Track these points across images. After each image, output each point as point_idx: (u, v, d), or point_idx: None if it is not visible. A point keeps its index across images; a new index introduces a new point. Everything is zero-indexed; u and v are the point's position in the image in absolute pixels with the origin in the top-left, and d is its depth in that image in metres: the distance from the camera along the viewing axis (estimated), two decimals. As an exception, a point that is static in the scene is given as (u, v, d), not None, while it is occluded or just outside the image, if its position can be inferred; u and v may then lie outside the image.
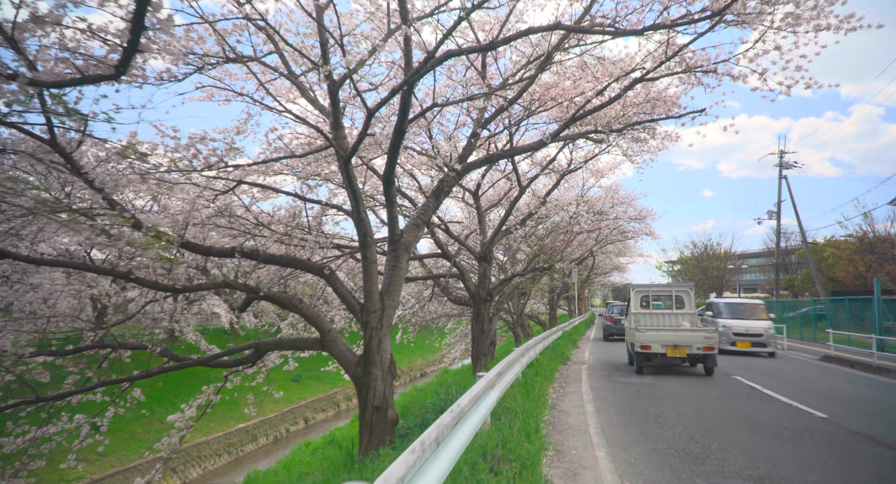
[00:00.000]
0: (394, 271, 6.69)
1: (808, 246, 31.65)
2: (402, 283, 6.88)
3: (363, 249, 6.58)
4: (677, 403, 7.09)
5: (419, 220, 6.99)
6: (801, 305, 27.36)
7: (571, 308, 41.20)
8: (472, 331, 12.72)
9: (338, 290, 6.66)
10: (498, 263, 16.01)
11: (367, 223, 6.54)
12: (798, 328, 22.19)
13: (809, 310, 26.15)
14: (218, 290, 6.91)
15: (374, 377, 6.43)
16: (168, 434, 7.81)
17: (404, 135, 6.12)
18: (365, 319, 6.52)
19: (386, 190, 6.56)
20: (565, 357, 12.33)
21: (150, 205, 8.65)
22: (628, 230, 26.27)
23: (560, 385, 8.49)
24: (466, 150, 7.42)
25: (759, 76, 7.04)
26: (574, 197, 18.33)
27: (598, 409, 6.60)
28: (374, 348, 6.45)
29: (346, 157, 5.87)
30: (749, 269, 62.62)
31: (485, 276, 12.36)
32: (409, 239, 6.88)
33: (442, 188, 7.17)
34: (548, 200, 14.61)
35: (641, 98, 8.06)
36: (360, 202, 6.37)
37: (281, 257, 6.53)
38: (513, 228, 13.68)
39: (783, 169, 33.47)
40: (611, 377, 9.71)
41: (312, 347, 6.69)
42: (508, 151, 7.59)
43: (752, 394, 7.90)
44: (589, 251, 27.19)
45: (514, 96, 7.41)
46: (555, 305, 30.60)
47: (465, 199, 13.99)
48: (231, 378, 7.98)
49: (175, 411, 8.09)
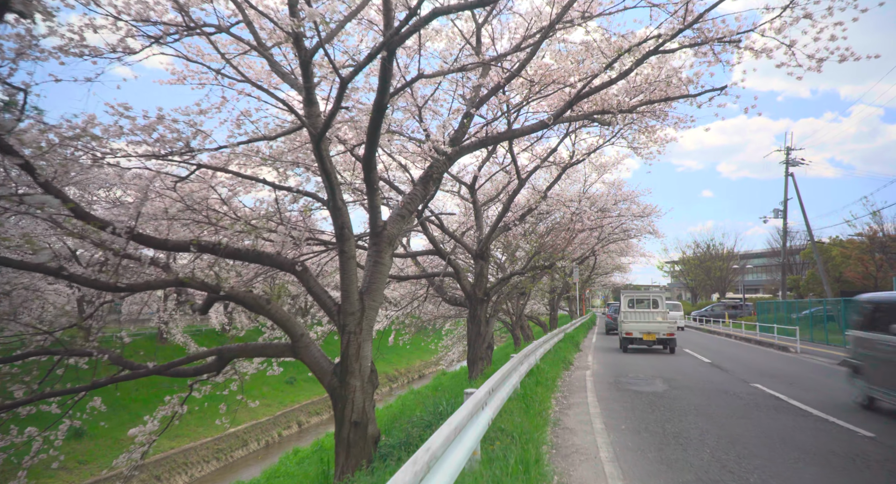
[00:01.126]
0: (376, 268, 5.91)
1: (816, 245, 30.85)
2: (384, 281, 6.10)
3: (340, 242, 5.80)
4: (698, 418, 6.28)
5: (404, 211, 6.20)
6: (805, 306, 26.56)
7: (572, 309, 40.41)
8: (467, 333, 11.94)
9: (311, 289, 5.87)
10: (496, 261, 15.23)
11: (345, 213, 5.75)
12: (809, 330, 21.37)
13: (816, 310, 25.34)
14: (180, 289, 6.12)
15: (353, 388, 5.64)
16: (127, 449, 7.01)
17: (385, 112, 5.33)
18: (342, 322, 5.74)
19: (366, 175, 5.78)
20: (568, 362, 11.54)
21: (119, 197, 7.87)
22: (631, 228, 25.49)
23: (563, 395, 7.69)
24: (459, 133, 6.62)
25: (787, 49, 6.23)
26: (576, 193, 17.56)
27: (607, 425, 5.79)
28: (353, 355, 5.67)
29: (318, 135, 5.08)
30: (752, 269, 61.78)
31: (481, 275, 11.56)
32: (394, 231, 6.09)
33: (431, 175, 6.37)
34: (549, 195, 13.83)
35: (654, 77, 7.27)
36: (335, 189, 5.58)
37: (246, 252, 5.75)
38: (511, 225, 12.89)
39: (789, 166, 32.68)
40: (619, 385, 8.90)
41: (283, 354, 5.90)
42: (506, 134, 6.79)
43: (779, 406, 7.09)
44: (590, 250, 26.41)
45: (512, 72, 6.62)
46: (555, 305, 29.80)
47: (462, 193, 13.20)
48: (199, 387, 7.20)
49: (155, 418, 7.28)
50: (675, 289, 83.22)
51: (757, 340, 20.43)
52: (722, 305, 41.34)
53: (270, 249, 6.42)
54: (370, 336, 5.88)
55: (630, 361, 13.02)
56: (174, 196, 6.15)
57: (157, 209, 6.32)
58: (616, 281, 58.64)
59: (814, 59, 6.33)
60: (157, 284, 5.10)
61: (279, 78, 6.36)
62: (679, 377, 9.91)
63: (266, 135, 6.15)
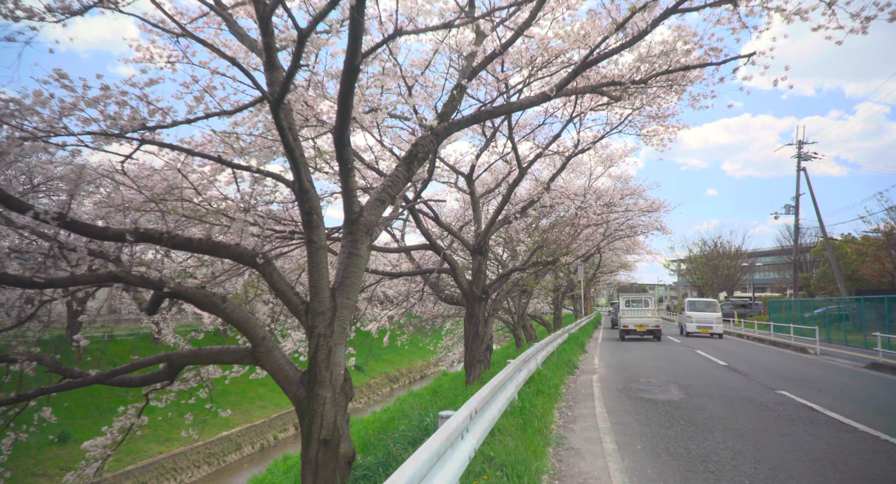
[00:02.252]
0: (350, 260, 5.10)
1: (829, 242, 29.84)
2: (361, 276, 5.28)
3: (307, 230, 4.99)
4: (725, 434, 5.39)
5: (384, 195, 5.38)
6: (819, 304, 25.60)
7: (577, 308, 39.52)
8: (464, 334, 11.11)
9: (275, 285, 5.07)
10: (496, 257, 14.41)
11: (313, 196, 4.94)
12: (826, 330, 20.42)
13: (829, 309, 24.44)
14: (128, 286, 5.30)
15: (322, 400, 4.84)
16: (75, 468, 6.22)
17: (357, 75, 4.50)
18: (310, 323, 4.94)
19: (338, 152, 4.98)
20: (572, 365, 10.68)
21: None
22: (638, 224, 24.62)
23: (567, 405, 6.82)
24: (448, 107, 5.79)
25: (827, 7, 5.35)
26: (581, 187, 16.71)
27: (620, 444, 4.93)
28: (323, 362, 4.86)
29: (275, 100, 4.26)
30: (760, 268, 60.61)
31: (479, 271, 10.73)
32: (372, 219, 5.28)
33: (416, 154, 5.54)
34: (552, 188, 12.98)
35: (670, 47, 6.41)
36: (300, 168, 4.77)
37: (198, 242, 4.94)
38: (512, 218, 12.05)
39: (801, 160, 31.68)
40: (629, 392, 8.04)
41: (242, 360, 5.09)
42: (503, 108, 5.94)
43: (816, 419, 6.20)
44: (596, 247, 25.52)
45: (510, 37, 5.79)
46: (559, 304, 28.93)
47: (459, 185, 12.36)
48: (157, 396, 6.41)
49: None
50: (681, 288, 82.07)
51: (772, 341, 19.50)
52: (730, 303, 40.35)
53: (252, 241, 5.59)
54: (343, 339, 5.06)
55: (639, 364, 12.16)
56: (132, 183, 5.37)
57: (131, 200, 5.54)
58: (621, 279, 57.65)
59: (858, 17, 5.44)
60: (85, 279, 4.30)
61: (240, 42, 5.57)
62: (695, 383, 9.03)
63: (225, 110, 5.33)
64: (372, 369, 38.90)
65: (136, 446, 18.68)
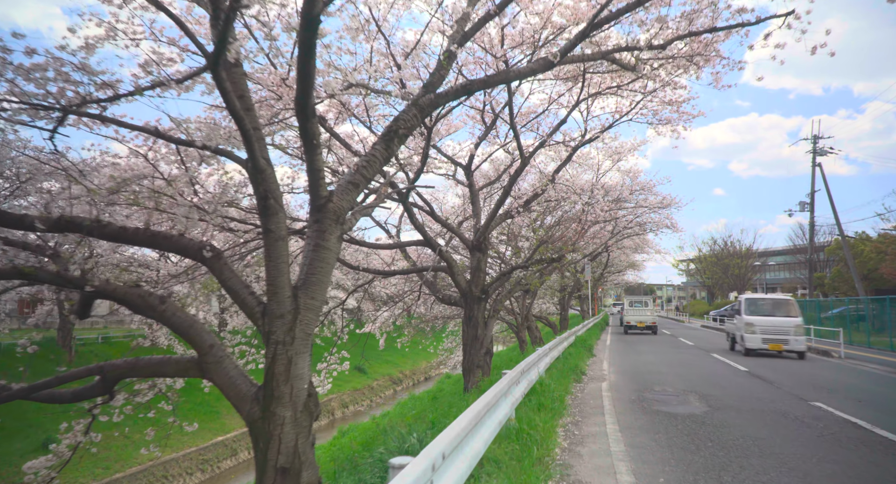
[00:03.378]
0: (317, 253, 4.30)
1: (846, 240, 28.75)
2: (330, 271, 4.47)
3: (264, 218, 4.20)
4: (764, 461, 4.48)
5: (358, 177, 4.58)
6: (836, 304, 24.55)
7: (584, 308, 38.53)
8: (462, 337, 10.29)
9: (226, 282, 4.28)
10: (498, 254, 13.57)
11: (271, 178, 4.15)
12: (847, 332, 19.39)
13: (846, 309, 23.43)
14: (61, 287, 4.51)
15: (279, 421, 4.05)
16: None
17: (318, 28, 3.70)
18: (267, 328, 4.15)
19: (301, 125, 4.19)
20: (579, 371, 9.81)
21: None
22: (648, 221, 23.68)
23: (574, 421, 5.93)
24: (435, 76, 4.97)
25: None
26: (588, 182, 15.85)
27: (638, 475, 4.01)
28: (281, 374, 4.07)
29: (212, 56, 3.46)
30: (771, 267, 59.27)
31: (479, 269, 9.90)
32: (342, 205, 4.48)
33: (396, 130, 4.74)
34: (557, 180, 12.12)
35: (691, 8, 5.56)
36: (253, 142, 3.97)
37: (134, 232, 4.16)
38: (514, 212, 11.20)
39: (817, 156, 30.59)
40: (644, 404, 7.15)
41: (187, 373, 4.30)
42: (499, 76, 5.11)
43: (866, 439, 5.32)
44: (603, 245, 24.61)
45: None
46: (566, 304, 28.01)
47: (458, 177, 11.54)
48: (114, 408, 5.64)
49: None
50: (690, 288, 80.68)
51: (789, 343, 18.48)
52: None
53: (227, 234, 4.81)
54: (307, 347, 4.25)
55: (652, 369, 11.27)
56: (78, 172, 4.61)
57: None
58: (629, 279, 56.52)
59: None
60: (-17, 275, 3.52)
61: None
62: (717, 392, 8.14)
63: (173, 78, 4.54)
64: (374, 371, 38.15)
65: (127, 453, 18.01)
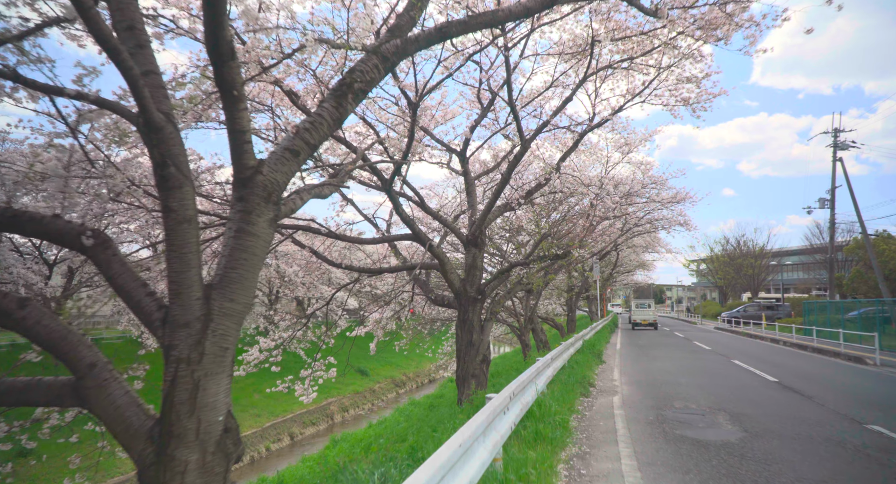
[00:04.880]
0: (239, 241, 3.27)
1: (869, 238, 27.33)
2: (258, 266, 3.42)
3: (162, 191, 3.16)
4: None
5: (298, 142, 3.53)
6: (861, 305, 23.19)
7: (592, 309, 37.30)
8: (456, 342, 9.20)
9: (115, 279, 3.26)
10: (497, 250, 12.48)
11: (172, 138, 3.10)
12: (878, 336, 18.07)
13: (868, 311, 22.10)
14: None
15: (179, 467, 3.02)
16: None
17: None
18: (168, 341, 3.11)
19: (215, 70, 3.18)
20: (587, 383, 8.66)
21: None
22: (660, 218, 22.46)
23: (580, 453, 4.77)
24: (404, 19, 3.90)
25: None
26: (597, 176, 14.72)
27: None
28: (183, 403, 3.04)
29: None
30: (786, 267, 57.55)
31: (474, 266, 8.82)
32: (276, 178, 3.46)
33: (350, 83, 3.69)
34: (563, 171, 11.00)
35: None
36: (140, 89, 2.92)
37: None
38: (515, 204, 10.10)
39: (838, 150, 29.20)
40: (665, 425, 5.99)
41: (61, 402, 3.25)
42: (484, 17, 3.99)
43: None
44: (612, 244, 23.43)
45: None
46: (573, 305, 26.81)
47: (453, 165, 10.46)
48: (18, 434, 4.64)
49: None
50: (700, 288, 78.92)
51: (815, 348, 17.22)
52: (756, 305, 37.77)
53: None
54: (224, 366, 3.21)
55: (669, 379, 10.11)
56: None
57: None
58: (638, 280, 55.13)
59: None
60: None
61: None
62: (750, 410, 6.96)
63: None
64: (377, 373, 37.18)
65: (111, 462, 17.05)
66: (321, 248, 10.48)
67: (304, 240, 10.39)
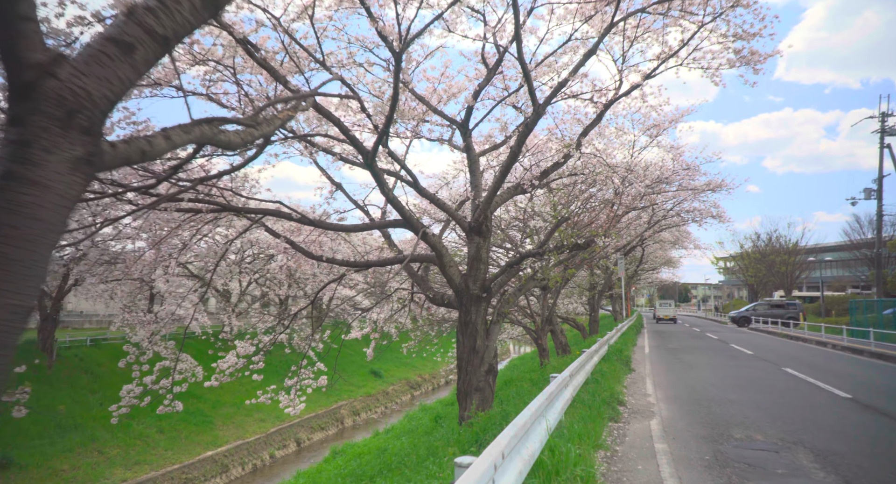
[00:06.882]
0: (10, 193, 1.75)
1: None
2: (44, 235, 1.89)
3: None
4: None
5: (130, 30, 2.02)
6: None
7: (616, 308, 35.33)
8: (457, 348, 7.73)
9: None
10: (507, 238, 10.91)
11: None
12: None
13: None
14: None
15: None
16: None
17: None
18: None
19: None
20: (615, 400, 7.02)
21: None
22: (691, 210, 20.54)
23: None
24: None
25: None
26: (622, 161, 13.04)
27: None
28: None
29: None
30: (819, 264, 54.41)
31: (478, 258, 7.31)
32: (86, 87, 1.96)
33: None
34: (584, 148, 9.41)
35: None
36: None
37: None
38: (528, 186, 8.52)
39: (886, 135, 26.82)
40: (730, 472, 4.23)
41: None
42: None
43: None
44: (639, 238, 21.59)
45: None
46: (596, 305, 25.03)
47: (453, 140, 8.94)
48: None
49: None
50: (727, 286, 75.79)
51: (874, 352, 15.23)
52: (765, 303, 35.93)
53: None
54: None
55: (717, 395, 8.41)
56: None
57: None
58: (664, 277, 52.76)
59: None
60: None
61: None
62: (836, 444, 5.19)
63: None
64: (391, 375, 35.92)
65: (99, 471, 16.03)
66: (308, 242, 9.05)
67: (302, 237, 9.04)
